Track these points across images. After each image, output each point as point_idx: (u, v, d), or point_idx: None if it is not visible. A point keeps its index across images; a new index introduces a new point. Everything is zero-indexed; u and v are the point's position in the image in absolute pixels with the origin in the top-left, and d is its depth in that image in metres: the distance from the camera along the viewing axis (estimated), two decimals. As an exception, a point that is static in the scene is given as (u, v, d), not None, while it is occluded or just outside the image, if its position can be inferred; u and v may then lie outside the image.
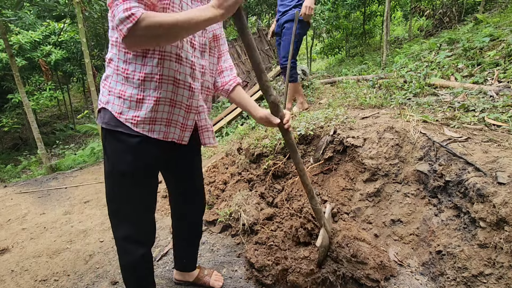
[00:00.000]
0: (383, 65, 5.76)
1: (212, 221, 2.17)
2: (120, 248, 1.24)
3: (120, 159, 1.09)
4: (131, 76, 1.02)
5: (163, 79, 1.04)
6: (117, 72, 1.05)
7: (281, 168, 2.25)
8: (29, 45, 7.67)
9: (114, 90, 1.06)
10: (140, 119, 1.04)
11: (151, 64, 1.01)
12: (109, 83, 1.07)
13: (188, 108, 1.14)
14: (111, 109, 1.06)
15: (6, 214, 2.78)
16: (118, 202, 1.16)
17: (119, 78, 1.05)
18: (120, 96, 1.05)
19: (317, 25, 11.62)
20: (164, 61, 1.02)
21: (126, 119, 1.04)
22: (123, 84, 1.04)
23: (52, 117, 12.51)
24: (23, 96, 4.91)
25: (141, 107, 1.04)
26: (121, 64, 1.03)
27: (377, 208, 1.88)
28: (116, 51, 1.03)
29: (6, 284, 1.78)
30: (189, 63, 1.09)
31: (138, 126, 1.05)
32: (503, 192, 1.28)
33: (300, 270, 1.44)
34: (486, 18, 4.73)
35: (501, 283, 1.22)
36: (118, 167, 1.10)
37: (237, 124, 4.44)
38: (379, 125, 2.03)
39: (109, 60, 1.07)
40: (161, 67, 1.02)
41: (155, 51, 1.00)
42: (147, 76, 1.02)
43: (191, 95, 1.12)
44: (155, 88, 1.04)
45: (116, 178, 1.13)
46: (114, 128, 1.06)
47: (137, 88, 1.03)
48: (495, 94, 2.26)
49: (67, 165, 5.33)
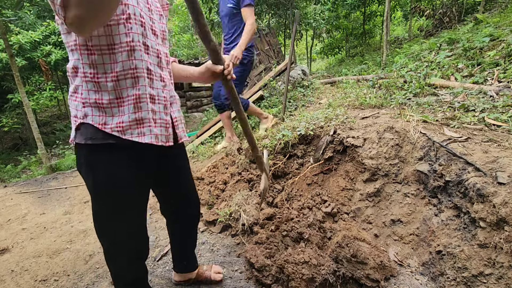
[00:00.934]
0: (383, 65, 5.76)
1: (212, 221, 2.17)
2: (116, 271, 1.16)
3: (110, 173, 0.98)
4: (102, 79, 0.91)
5: (138, 73, 0.94)
6: (86, 80, 0.92)
7: (281, 168, 2.25)
8: (29, 45, 7.66)
9: (88, 100, 0.93)
10: (125, 124, 0.94)
11: (121, 60, 0.91)
12: (81, 94, 0.94)
13: (166, 101, 1.07)
14: (92, 122, 0.94)
15: (6, 214, 2.78)
16: (111, 221, 1.05)
17: (89, 85, 0.92)
18: (98, 106, 0.93)
19: (317, 25, 11.63)
20: (135, 52, 0.93)
21: (112, 129, 0.94)
22: (96, 91, 0.93)
23: (52, 117, 12.51)
24: (23, 96, 4.91)
25: (123, 111, 0.94)
26: (88, 69, 0.91)
27: (377, 208, 1.88)
28: (78, 55, 0.91)
29: (6, 284, 1.78)
30: (155, 52, 1.02)
31: (125, 133, 0.95)
32: (503, 192, 1.28)
33: (302, 276, 1.44)
34: (486, 18, 4.73)
35: (501, 283, 1.22)
36: (109, 182, 0.99)
37: (237, 124, 4.44)
38: (379, 125, 2.03)
39: (74, 69, 0.94)
40: (133, 59, 0.93)
41: (122, 43, 0.90)
42: (119, 74, 0.92)
43: (164, 85, 1.06)
44: (132, 85, 0.94)
45: (106, 195, 1.01)
46: (102, 141, 0.95)
47: (113, 92, 0.93)
48: (495, 94, 2.26)
49: (67, 165, 5.33)
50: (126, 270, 1.16)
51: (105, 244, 1.10)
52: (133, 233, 1.11)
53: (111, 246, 1.10)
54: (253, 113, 3.25)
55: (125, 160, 0.99)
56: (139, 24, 0.93)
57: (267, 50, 7.84)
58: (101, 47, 0.89)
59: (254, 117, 3.87)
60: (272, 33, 8.19)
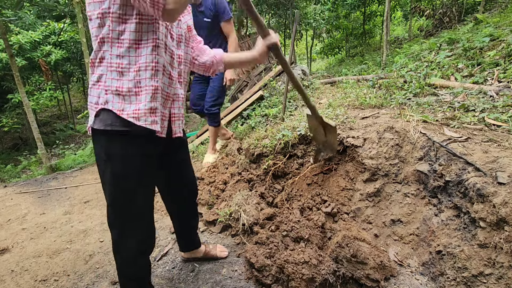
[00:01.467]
0: (383, 65, 5.76)
1: (212, 221, 2.17)
2: (122, 261, 1.22)
3: (125, 159, 1.07)
4: (126, 69, 1.02)
5: (158, 67, 1.06)
6: (111, 69, 1.03)
7: (281, 168, 2.25)
8: (29, 45, 7.66)
9: (111, 88, 1.03)
10: (141, 112, 1.04)
11: (145, 53, 1.02)
12: (104, 82, 1.04)
13: (167, 96, 1.16)
14: (112, 108, 1.03)
15: (6, 214, 2.78)
16: (122, 207, 1.13)
17: (113, 74, 1.03)
18: (119, 93, 1.03)
19: (317, 25, 11.63)
20: (158, 48, 1.04)
21: (128, 115, 1.03)
22: (119, 79, 1.03)
23: (52, 117, 12.51)
24: (23, 96, 4.91)
25: (140, 100, 1.04)
26: (115, 59, 1.02)
27: (377, 208, 1.88)
28: (108, 47, 1.01)
29: (6, 284, 1.78)
30: (170, 52, 1.14)
31: (140, 119, 1.04)
32: (503, 192, 1.28)
33: (302, 276, 1.44)
34: (486, 18, 4.73)
35: (501, 283, 1.22)
36: (124, 169, 1.08)
37: (237, 124, 4.44)
38: (379, 125, 2.03)
39: (100, 59, 1.04)
40: (156, 54, 1.04)
41: (148, 40, 1.02)
42: (141, 66, 1.03)
43: (170, 83, 1.16)
44: (150, 77, 1.04)
45: (120, 182, 1.09)
46: (121, 128, 1.04)
47: (133, 81, 1.03)
48: (495, 94, 2.26)
49: (67, 165, 5.33)
50: (132, 263, 1.22)
51: (116, 233, 1.18)
52: (142, 222, 1.19)
53: (121, 236, 1.17)
54: (211, 135, 3.10)
55: (138, 151, 1.08)
56: (163, 25, 1.06)
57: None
58: (130, 41, 1.00)
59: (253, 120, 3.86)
60: (272, 33, 8.18)
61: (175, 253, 1.92)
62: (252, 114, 4.21)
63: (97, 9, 0.98)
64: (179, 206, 1.58)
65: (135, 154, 1.08)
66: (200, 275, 1.69)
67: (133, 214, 1.15)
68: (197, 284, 1.62)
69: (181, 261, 1.83)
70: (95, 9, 0.98)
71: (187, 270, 1.74)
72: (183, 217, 1.62)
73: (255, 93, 4.79)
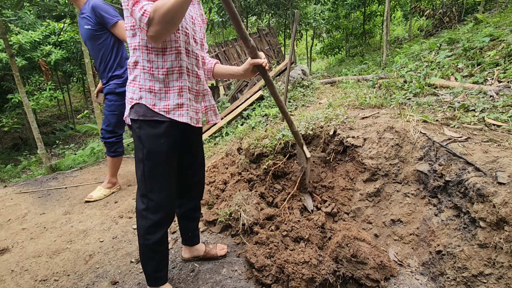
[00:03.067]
0: (383, 65, 5.76)
1: (212, 221, 2.17)
2: (146, 229, 1.37)
3: (153, 142, 1.28)
4: (156, 72, 1.23)
5: (181, 70, 1.26)
6: (143, 71, 1.24)
7: (281, 168, 2.25)
8: (29, 45, 7.66)
9: (144, 86, 1.25)
10: (170, 107, 1.26)
11: (170, 60, 1.23)
12: (139, 82, 1.26)
13: (197, 93, 1.39)
14: (145, 103, 1.25)
15: (6, 214, 2.78)
16: (153, 180, 1.33)
17: (146, 76, 1.25)
18: (151, 91, 1.25)
19: (317, 25, 11.63)
20: (180, 55, 1.24)
21: (159, 109, 1.25)
22: (151, 80, 1.25)
23: (52, 117, 12.51)
24: (23, 96, 4.91)
25: (169, 97, 1.26)
26: (146, 63, 1.23)
27: (377, 208, 1.88)
28: (140, 53, 1.22)
29: (6, 284, 1.77)
30: (194, 55, 1.32)
31: (169, 113, 1.26)
32: (503, 192, 1.28)
33: (302, 276, 1.44)
34: (486, 18, 4.74)
35: (501, 283, 1.22)
36: (154, 149, 1.29)
37: (237, 124, 4.44)
38: (379, 125, 2.03)
39: (134, 63, 1.26)
40: (179, 60, 1.24)
41: (172, 48, 1.22)
42: (168, 70, 1.24)
43: (198, 81, 1.37)
44: (176, 79, 1.26)
45: (151, 158, 1.30)
46: (151, 118, 1.26)
47: (163, 82, 1.25)
48: (495, 94, 2.26)
49: (67, 165, 5.32)
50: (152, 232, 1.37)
51: (144, 202, 1.36)
52: (167, 194, 1.37)
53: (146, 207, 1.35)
54: (109, 166, 2.89)
55: (165, 133, 1.28)
56: (184, 34, 1.24)
57: (267, 50, 7.84)
58: (157, 49, 1.21)
59: (253, 120, 3.86)
60: (272, 33, 8.19)
61: (175, 253, 1.92)
62: (252, 114, 4.21)
63: (129, 22, 1.20)
64: (191, 194, 1.66)
65: (162, 136, 1.28)
66: (200, 275, 1.69)
67: (161, 185, 1.34)
68: (197, 284, 1.62)
69: (181, 261, 1.83)
70: (127, 22, 1.20)
71: (187, 270, 1.74)
72: (191, 207, 1.68)
73: (255, 93, 4.79)
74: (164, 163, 1.33)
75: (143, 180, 1.34)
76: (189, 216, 1.70)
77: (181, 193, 1.63)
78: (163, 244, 1.43)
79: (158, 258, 1.43)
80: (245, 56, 7.42)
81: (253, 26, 12.75)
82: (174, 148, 1.35)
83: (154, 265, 1.43)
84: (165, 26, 1.06)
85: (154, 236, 1.37)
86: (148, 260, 1.42)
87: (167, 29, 1.08)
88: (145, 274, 1.46)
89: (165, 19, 1.03)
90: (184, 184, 1.61)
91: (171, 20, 1.04)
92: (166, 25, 1.06)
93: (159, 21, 1.03)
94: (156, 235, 1.37)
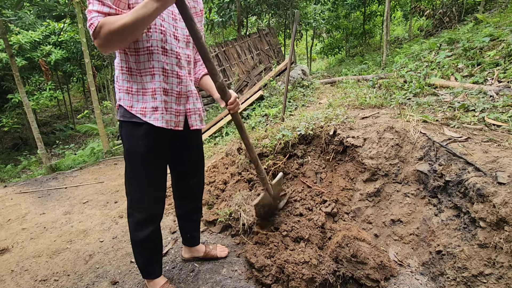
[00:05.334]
0: (383, 65, 5.76)
1: (212, 221, 2.17)
2: (133, 225, 1.40)
3: (132, 143, 1.27)
4: (133, 73, 1.20)
5: (155, 71, 1.20)
6: (122, 72, 1.22)
7: (281, 168, 2.25)
8: (29, 45, 7.66)
9: (123, 87, 1.24)
10: (147, 110, 1.22)
11: (143, 60, 1.18)
12: (119, 83, 1.25)
13: (178, 94, 1.30)
14: (123, 104, 1.24)
15: (6, 214, 2.78)
16: (132, 181, 1.33)
17: (124, 76, 1.22)
18: (128, 92, 1.23)
19: (317, 25, 11.63)
20: (153, 55, 1.17)
21: (136, 111, 1.22)
22: (129, 81, 1.22)
23: (52, 117, 12.51)
24: (23, 96, 4.91)
25: (146, 99, 1.22)
26: (124, 64, 1.20)
27: (377, 208, 1.88)
28: (118, 53, 1.20)
29: (6, 284, 1.78)
30: (175, 54, 1.24)
31: (146, 116, 1.22)
32: (503, 192, 1.28)
33: (302, 276, 1.44)
34: (486, 18, 4.73)
35: (501, 283, 1.22)
36: (131, 149, 1.28)
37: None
38: (379, 125, 2.03)
39: (116, 64, 1.24)
40: (151, 60, 1.18)
41: (144, 48, 1.16)
42: (142, 71, 1.19)
43: (179, 82, 1.28)
44: (150, 80, 1.21)
45: (129, 159, 1.31)
46: (129, 119, 1.24)
47: (140, 83, 1.21)
48: (495, 94, 2.26)
49: (67, 165, 5.33)
50: (140, 229, 1.39)
51: (128, 200, 1.38)
52: (149, 194, 1.35)
53: (131, 203, 1.37)
54: None
55: (143, 135, 1.25)
56: (158, 32, 1.17)
57: (267, 50, 7.83)
58: (130, 50, 1.17)
59: (253, 121, 3.86)
60: (272, 33, 8.18)
61: (175, 253, 1.92)
62: (252, 114, 4.21)
63: None
64: (189, 196, 1.63)
65: (140, 138, 1.25)
66: (200, 275, 1.69)
67: (141, 185, 1.33)
68: (197, 284, 1.62)
69: (181, 261, 1.83)
70: None
71: (187, 270, 1.74)
72: (190, 208, 1.67)
73: (255, 93, 4.79)
74: (144, 164, 1.30)
75: (126, 178, 1.37)
76: (188, 217, 1.70)
77: (180, 195, 1.63)
78: (152, 242, 1.44)
79: (148, 254, 1.47)
80: (245, 56, 7.41)
81: (253, 26, 12.74)
82: (156, 149, 1.31)
83: (144, 260, 1.47)
84: (110, 43, 1.01)
85: (141, 233, 1.39)
86: (138, 255, 1.46)
87: (113, 45, 1.04)
88: (138, 267, 1.51)
89: (111, 37, 0.98)
90: (183, 186, 1.59)
91: (119, 38, 1.00)
92: (112, 42, 1.01)
93: (104, 37, 0.99)
94: (143, 232, 1.39)
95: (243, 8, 9.01)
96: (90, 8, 1.01)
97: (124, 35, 0.99)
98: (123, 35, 0.98)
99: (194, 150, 1.54)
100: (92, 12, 1.00)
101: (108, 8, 1.01)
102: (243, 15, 9.29)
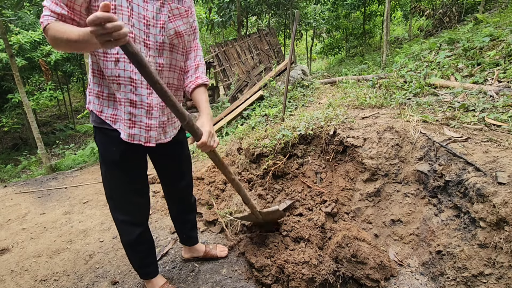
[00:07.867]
0: (383, 65, 5.76)
1: (212, 221, 2.17)
2: (119, 229, 1.39)
3: (106, 150, 1.24)
4: (102, 77, 1.14)
5: (121, 80, 1.09)
6: (94, 75, 1.16)
7: (281, 168, 2.25)
8: (29, 45, 7.66)
9: (93, 91, 1.17)
10: (117, 117, 1.16)
11: (111, 67, 1.08)
12: (90, 85, 1.19)
13: (149, 107, 1.16)
14: (93, 109, 1.18)
15: (6, 214, 2.78)
16: (110, 187, 1.31)
17: (95, 79, 1.16)
18: (98, 96, 1.17)
19: (317, 25, 11.63)
20: (119, 63, 1.07)
21: (106, 117, 1.16)
22: (100, 84, 1.15)
23: (52, 117, 12.52)
24: (23, 96, 4.91)
25: (116, 106, 1.16)
26: (95, 66, 1.14)
27: (377, 208, 1.88)
28: (90, 56, 1.14)
29: (6, 284, 1.78)
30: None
31: (115, 123, 1.17)
32: (503, 192, 1.28)
33: (302, 276, 1.44)
34: (486, 18, 4.73)
35: (501, 283, 1.22)
36: (105, 156, 1.25)
37: (237, 124, 4.44)
38: (379, 125, 2.03)
39: (89, 64, 1.18)
40: (117, 68, 1.08)
41: (111, 54, 1.06)
42: (109, 78, 1.10)
43: (149, 93, 1.15)
44: (117, 89, 1.12)
45: (105, 165, 1.27)
46: (100, 125, 1.19)
47: (110, 88, 1.14)
48: (495, 94, 2.26)
49: (67, 165, 5.33)
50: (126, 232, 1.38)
51: (109, 206, 1.37)
52: (127, 199, 1.31)
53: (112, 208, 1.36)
54: None
55: (114, 141, 1.18)
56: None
57: (267, 50, 7.83)
58: (98, 53, 1.08)
59: (253, 120, 3.86)
60: (272, 33, 8.18)
61: (175, 253, 1.92)
62: (252, 114, 4.21)
63: None
64: (178, 198, 1.62)
65: (112, 144, 1.21)
66: (200, 275, 1.69)
67: (118, 191, 1.30)
68: (197, 284, 1.62)
69: (181, 261, 1.83)
70: None
71: (187, 270, 1.74)
72: (180, 209, 1.66)
73: (255, 93, 4.79)
74: (119, 170, 1.25)
75: (104, 183, 1.33)
76: (181, 218, 1.69)
77: (170, 197, 1.62)
78: (142, 244, 1.43)
79: (141, 256, 1.46)
80: (245, 56, 7.41)
81: (253, 26, 12.74)
82: (131, 158, 1.24)
83: (137, 262, 1.47)
84: (57, 47, 0.98)
85: (130, 236, 1.37)
86: (131, 258, 1.47)
87: (61, 49, 1.01)
88: (133, 268, 1.51)
89: (57, 42, 0.95)
90: (171, 188, 1.57)
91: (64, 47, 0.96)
92: (59, 47, 0.98)
93: (50, 39, 0.96)
94: (131, 235, 1.37)
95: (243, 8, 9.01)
96: (44, 3, 0.96)
97: (69, 47, 0.95)
98: (67, 47, 0.95)
99: (176, 161, 1.44)
100: (46, 9, 0.96)
101: (61, 9, 0.95)
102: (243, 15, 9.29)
